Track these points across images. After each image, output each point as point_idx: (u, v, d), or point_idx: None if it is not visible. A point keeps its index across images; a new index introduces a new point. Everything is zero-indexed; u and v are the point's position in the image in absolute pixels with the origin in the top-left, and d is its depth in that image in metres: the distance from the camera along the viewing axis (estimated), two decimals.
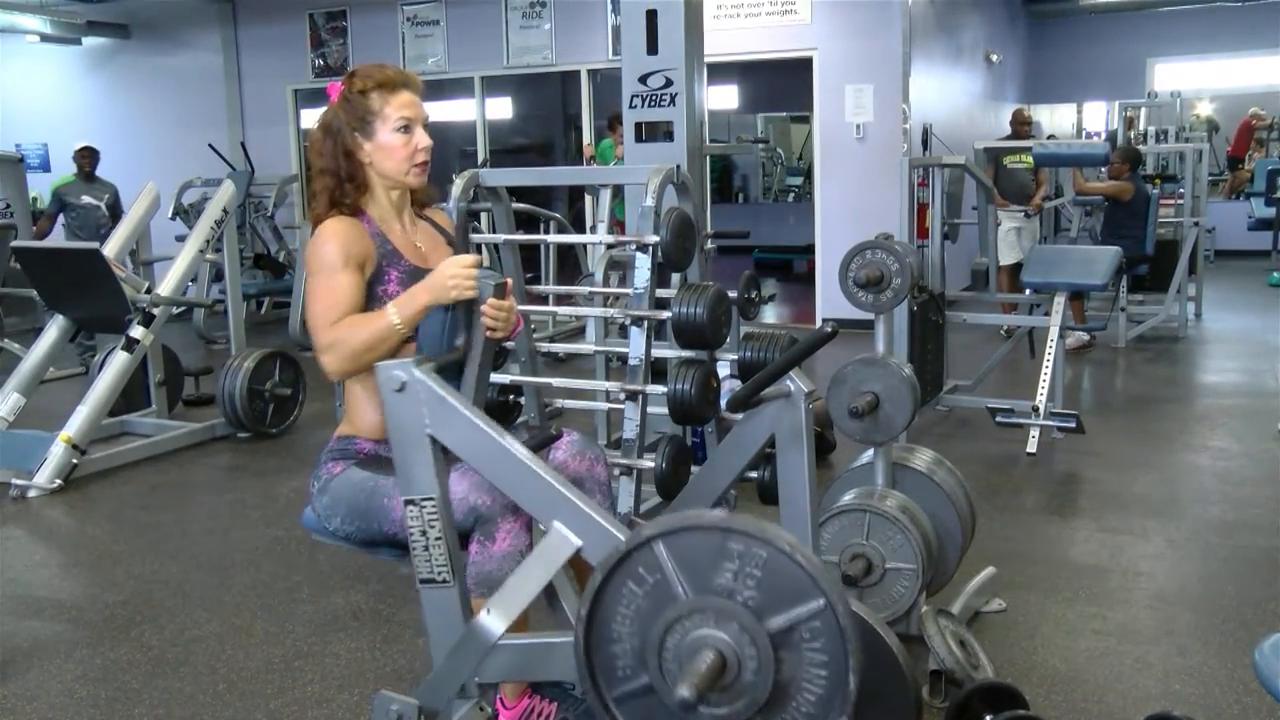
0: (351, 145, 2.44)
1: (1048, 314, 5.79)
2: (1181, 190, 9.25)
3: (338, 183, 2.44)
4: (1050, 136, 12.74)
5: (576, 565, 2.48)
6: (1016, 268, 7.97)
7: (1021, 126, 9.13)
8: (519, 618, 2.30)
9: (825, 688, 1.56)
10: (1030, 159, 8.32)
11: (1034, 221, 8.79)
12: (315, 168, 2.48)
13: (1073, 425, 5.31)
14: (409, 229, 2.56)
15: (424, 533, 2.03)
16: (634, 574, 1.65)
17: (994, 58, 12.24)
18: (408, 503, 2.03)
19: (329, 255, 2.37)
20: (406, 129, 2.44)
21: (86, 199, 8.90)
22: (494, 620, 1.97)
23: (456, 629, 2.05)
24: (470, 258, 2.32)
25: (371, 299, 2.41)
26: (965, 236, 8.31)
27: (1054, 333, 5.59)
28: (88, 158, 8.98)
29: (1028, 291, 6.71)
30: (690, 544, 1.61)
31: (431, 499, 2.01)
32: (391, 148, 2.44)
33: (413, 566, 2.06)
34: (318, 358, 2.36)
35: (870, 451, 3.29)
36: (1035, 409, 5.35)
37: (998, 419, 5.49)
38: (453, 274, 2.30)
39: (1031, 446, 5.25)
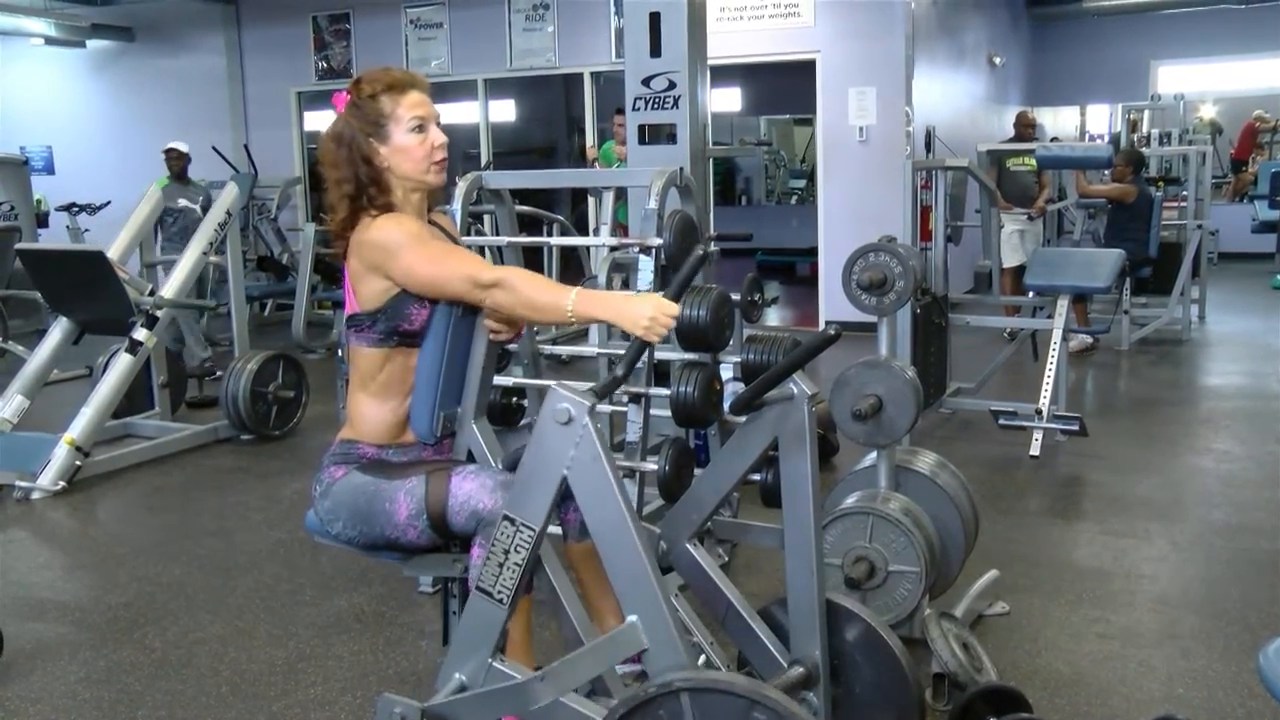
0: (369, 151, 2.38)
1: (1051, 316, 5.78)
2: (1185, 193, 9.24)
3: (358, 190, 2.38)
4: (1053, 139, 12.73)
5: (577, 566, 2.48)
6: (1019, 270, 7.96)
7: (1025, 129, 9.11)
8: (519, 642, 2.32)
9: None
10: (1033, 161, 8.31)
11: (1037, 224, 8.78)
12: (331, 179, 2.41)
13: (1076, 428, 5.31)
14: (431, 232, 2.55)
15: (507, 552, 2.07)
16: (654, 715, 1.66)
17: (997, 60, 12.23)
18: (507, 518, 2.04)
19: (416, 227, 2.35)
20: (421, 128, 2.42)
21: (183, 202, 8.50)
22: (545, 688, 2.05)
23: (485, 647, 2.09)
24: (676, 308, 2.20)
25: (407, 300, 2.36)
26: (968, 239, 8.30)
27: (1057, 335, 5.58)
28: (178, 160, 8.49)
29: (1031, 294, 6.70)
30: (716, 705, 1.61)
31: (532, 530, 2.05)
32: (408, 149, 2.41)
33: (477, 572, 2.09)
34: (480, 294, 2.28)
35: (873, 454, 3.29)
36: (1038, 411, 5.34)
37: (1001, 421, 5.48)
38: (653, 316, 2.16)
39: (1035, 449, 5.25)
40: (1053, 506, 4.71)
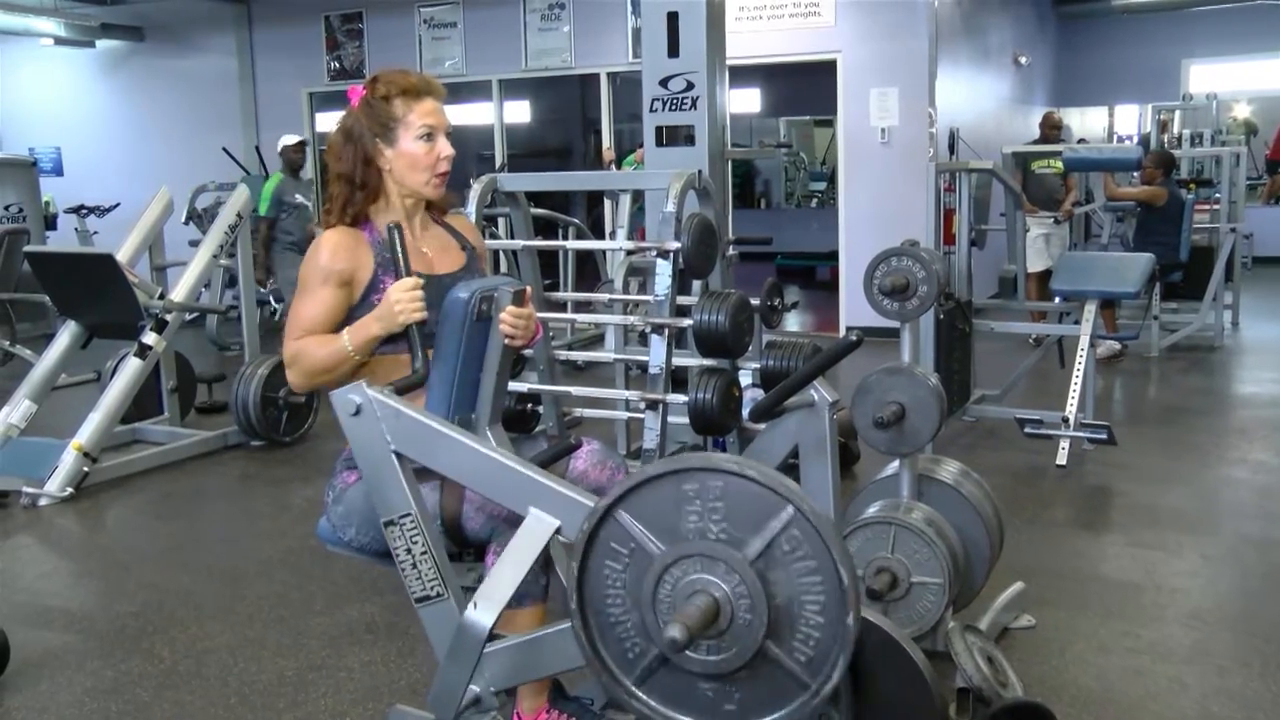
0: (372, 151, 2.45)
1: (1078, 322, 5.76)
2: (1218, 195, 9.19)
3: (352, 188, 2.45)
4: (1080, 140, 12.69)
5: None
6: (1045, 275, 7.94)
7: (1051, 130, 9.09)
8: (529, 616, 2.30)
9: (824, 592, 1.56)
10: (1060, 164, 8.29)
11: (1063, 228, 8.76)
12: (332, 172, 2.50)
13: (1104, 437, 5.28)
14: (419, 235, 2.58)
15: (408, 550, 2.06)
16: (608, 550, 1.67)
17: (1022, 60, 12.20)
18: (387, 524, 2.06)
19: (312, 270, 2.43)
20: (429, 137, 2.44)
21: (300, 198, 8.48)
22: (482, 613, 1.98)
23: (465, 649, 2.05)
24: (411, 280, 2.36)
25: (366, 307, 2.43)
26: (993, 243, 8.29)
27: (1084, 342, 5.56)
28: (297, 153, 8.47)
29: (1057, 299, 6.68)
30: (649, 501, 1.62)
31: (409, 515, 2.04)
32: (413, 156, 2.45)
33: (406, 589, 2.07)
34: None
35: (895, 463, 3.28)
36: (1065, 420, 5.32)
37: (1026, 430, 5.46)
38: (396, 299, 2.35)
39: (1061, 458, 5.22)
40: (1080, 517, 4.69)
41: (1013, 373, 6.37)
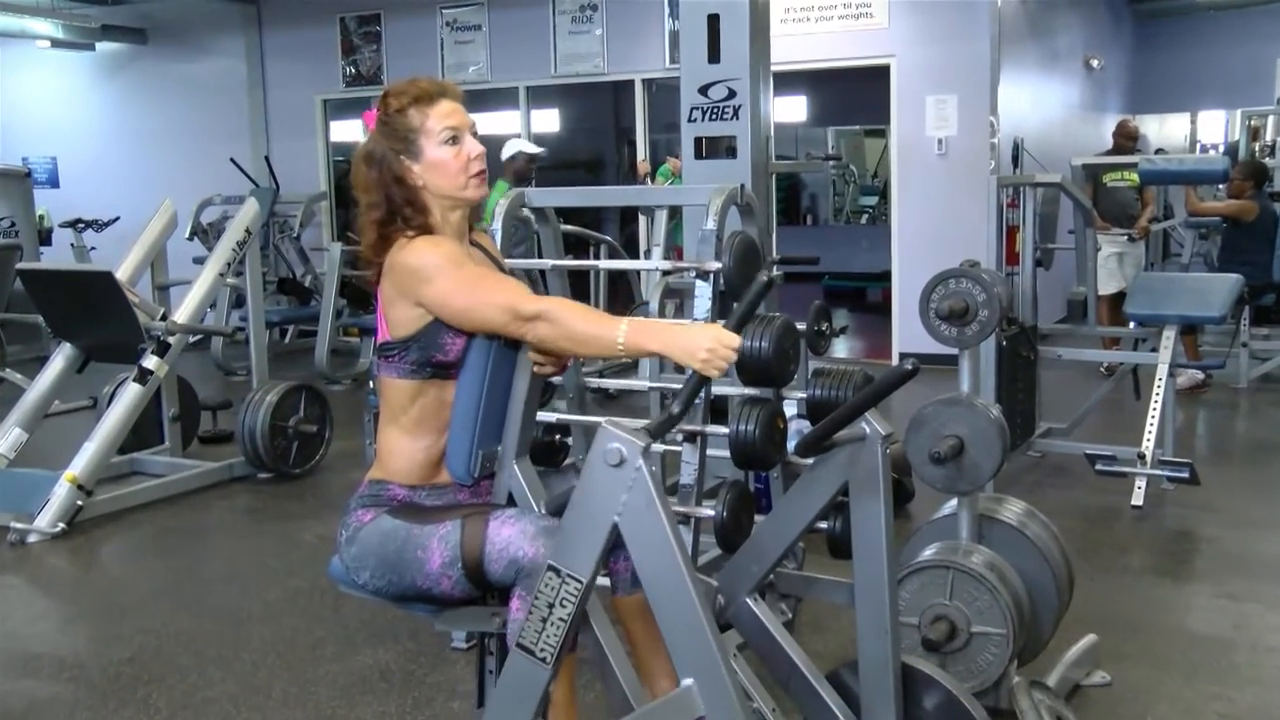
0: (400, 170, 2.44)
1: (1155, 350, 5.72)
2: None
3: (390, 213, 2.43)
4: (1159, 150, 12.62)
5: (626, 621, 2.48)
6: (1119, 298, 7.88)
7: (1126, 140, 9.05)
8: (562, 705, 2.33)
9: None
10: (1135, 176, 8.23)
11: (1139, 246, 8.71)
12: (362, 203, 2.48)
13: (1186, 475, 5.24)
14: (470, 255, 2.59)
15: (551, 605, 2.08)
16: None
17: (1095, 63, 12.17)
18: (551, 569, 2.08)
19: (453, 250, 2.39)
20: (454, 139, 2.46)
21: (525, 210, 8.08)
22: None
23: (525, 711, 2.12)
24: (738, 339, 2.25)
25: (437, 328, 2.39)
26: (1060, 263, 8.24)
27: (1163, 371, 5.52)
28: (529, 163, 7.89)
29: (1132, 324, 6.64)
30: None
31: (579, 581, 2.06)
32: (442, 163, 2.45)
33: (518, 628, 2.11)
34: (522, 327, 2.31)
35: (954, 501, 3.27)
36: (1141, 456, 5.28)
37: (1098, 467, 5.42)
38: (711, 348, 2.21)
39: (1137, 499, 5.18)
40: (1160, 564, 4.64)
41: (1082, 404, 6.34)
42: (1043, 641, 3.29)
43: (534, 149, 7.98)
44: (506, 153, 7.76)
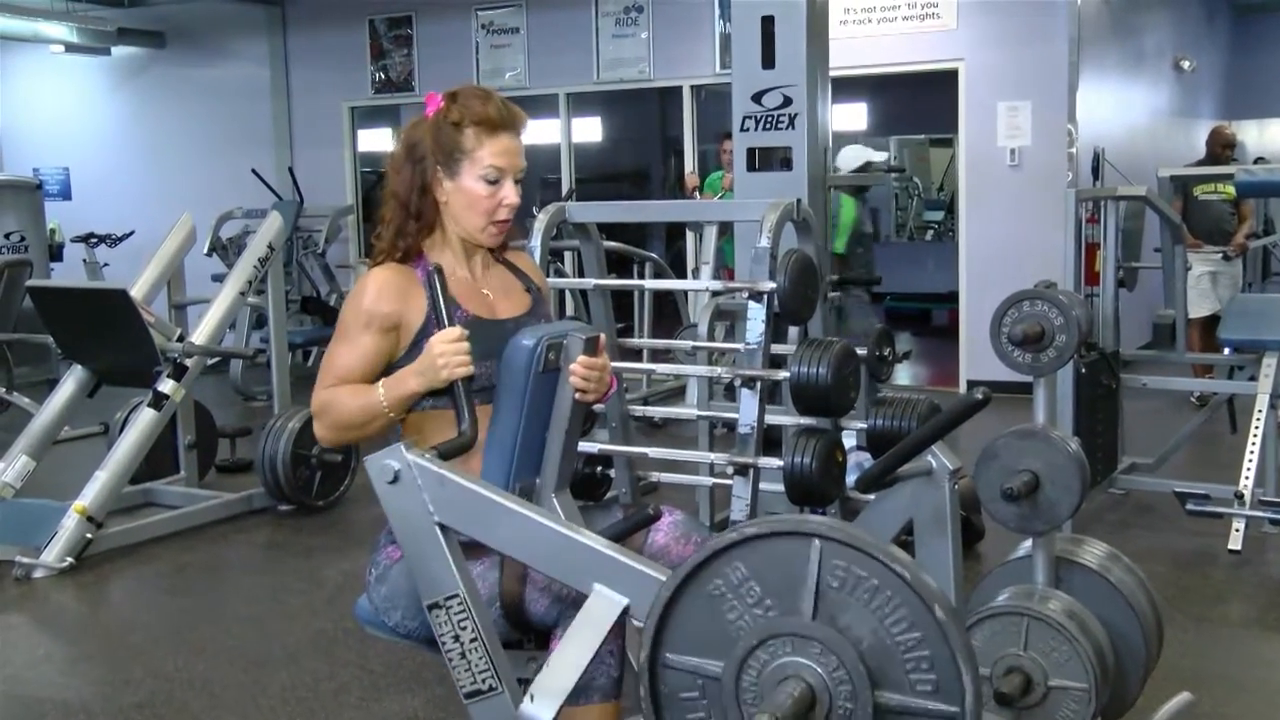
0: (430, 179, 2.52)
1: (1254, 378, 5.66)
2: None
3: (405, 216, 2.53)
4: (1259, 160, 12.48)
5: None
6: (1212, 321, 7.81)
7: (1221, 149, 8.96)
8: (599, 716, 2.32)
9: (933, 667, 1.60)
10: (1231, 189, 8.16)
11: (1234, 265, 8.62)
12: (389, 189, 2.57)
13: None
14: (479, 275, 2.63)
15: (456, 638, 2.10)
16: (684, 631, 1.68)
17: (1185, 64, 12.07)
18: (431, 608, 2.10)
19: (354, 312, 2.50)
20: (496, 181, 2.51)
21: (869, 227, 7.40)
22: (539, 708, 2.01)
23: None
24: (456, 330, 2.41)
25: (412, 357, 2.48)
26: (1145, 283, 8.17)
27: (1263, 401, 5.45)
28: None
29: (1226, 350, 6.57)
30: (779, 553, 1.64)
31: (455, 595, 2.08)
32: (474, 196, 2.52)
33: (454, 681, 2.10)
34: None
35: (1028, 542, 3.25)
36: (1239, 495, 5.21)
37: (1189, 507, 5.36)
38: (440, 351, 2.39)
39: (1235, 542, 5.11)
40: (1263, 615, 4.58)
41: (1171, 437, 6.27)
42: (1130, 698, 3.25)
43: (878, 155, 7.39)
44: (849, 163, 6.84)
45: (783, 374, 3.46)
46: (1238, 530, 5.14)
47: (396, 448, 2.10)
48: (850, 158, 6.76)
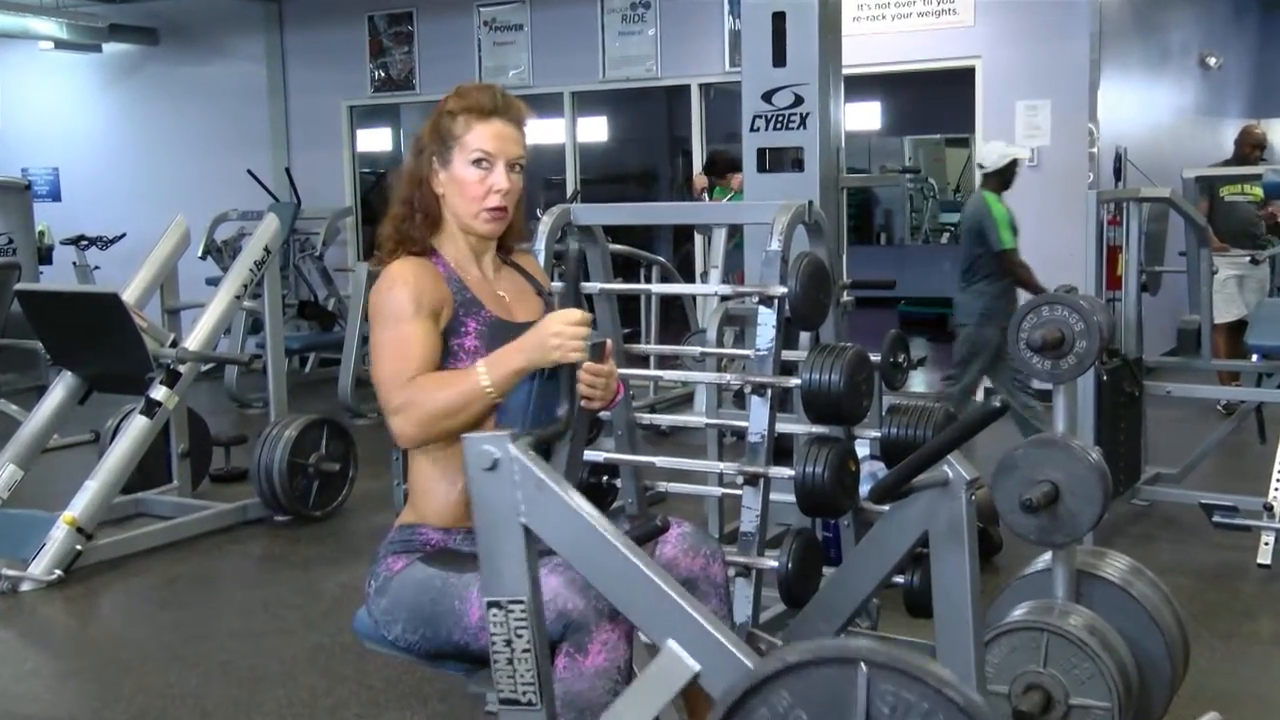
0: (427, 171, 2.55)
1: None
2: None
3: (408, 210, 2.55)
4: None
5: (689, 697, 2.48)
6: (1238, 326, 7.79)
7: (1251, 149, 8.94)
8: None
9: None
10: (1258, 190, 8.16)
11: (1262, 269, 8.60)
12: (400, 178, 2.62)
13: None
14: (490, 275, 2.64)
15: (509, 642, 2.08)
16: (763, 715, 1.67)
17: (1212, 61, 12.05)
18: (491, 605, 2.09)
19: (397, 302, 2.46)
20: (483, 164, 2.52)
21: None
22: None
23: None
24: (579, 313, 2.38)
25: (446, 354, 2.48)
26: (1169, 287, 8.16)
27: None
28: (1013, 170, 6.85)
29: (1254, 357, 6.56)
30: (817, 685, 1.62)
31: (520, 602, 2.07)
32: (463, 183, 2.54)
33: (493, 681, 2.09)
34: (388, 421, 2.43)
35: (1047, 555, 3.25)
36: (1268, 507, 5.20)
37: (1216, 519, 5.35)
38: (556, 331, 2.36)
39: (1264, 556, 5.10)
40: None
41: (1196, 447, 6.27)
42: (1154, 717, 3.25)
43: (1023, 151, 7.14)
44: (992, 159, 6.80)
45: (794, 381, 3.46)
46: (1267, 544, 5.13)
47: (502, 436, 2.07)
48: (993, 153, 6.87)
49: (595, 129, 13.55)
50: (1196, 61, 11.86)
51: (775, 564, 3.39)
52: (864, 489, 3.56)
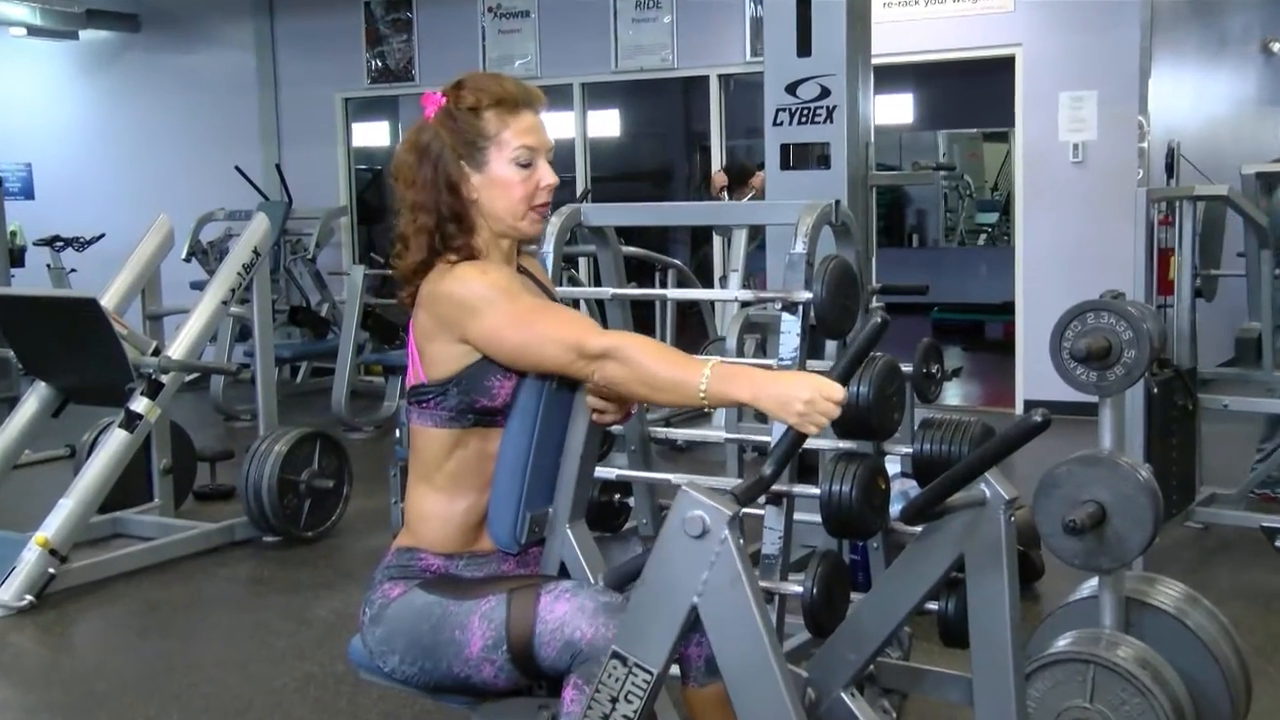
0: (457, 176, 2.48)
1: None
2: None
3: (439, 223, 2.49)
4: None
5: (700, 716, 2.48)
6: None
7: None
8: None
9: None
10: None
11: None
12: (407, 201, 2.52)
13: None
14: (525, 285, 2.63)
15: (613, 700, 2.10)
16: None
17: (1276, 48, 12.01)
18: (615, 656, 2.10)
19: (505, 279, 2.46)
20: (528, 163, 2.51)
21: None
22: None
23: None
24: (842, 392, 2.26)
25: (485, 366, 2.44)
26: (1226, 293, 8.14)
27: None
28: None
29: None
30: None
31: (649, 673, 2.08)
32: (507, 184, 2.49)
33: (567, 715, 2.12)
34: (574, 365, 2.36)
35: (1093, 581, 3.24)
36: None
37: (1278, 543, 5.35)
38: (809, 400, 2.21)
39: None
40: None
41: (1256, 466, 6.24)
42: None
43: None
44: None
45: None
46: None
47: (719, 508, 2.05)
48: None
49: (607, 123, 13.57)
50: (1259, 48, 11.82)
51: (800, 589, 3.39)
52: (894, 509, 3.56)
